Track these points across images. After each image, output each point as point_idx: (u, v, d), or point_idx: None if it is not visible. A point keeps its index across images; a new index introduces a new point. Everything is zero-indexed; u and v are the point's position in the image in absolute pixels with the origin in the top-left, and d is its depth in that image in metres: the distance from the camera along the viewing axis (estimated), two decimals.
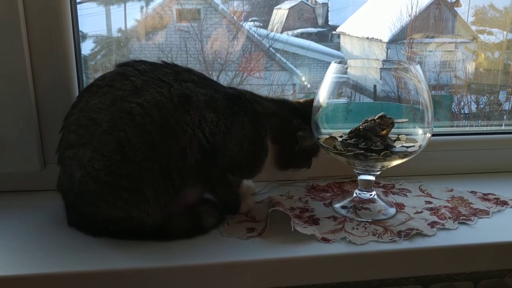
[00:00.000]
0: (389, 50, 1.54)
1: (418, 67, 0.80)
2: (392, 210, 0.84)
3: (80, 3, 0.95)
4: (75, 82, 0.90)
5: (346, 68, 0.85)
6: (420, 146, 0.81)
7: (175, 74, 0.77)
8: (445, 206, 0.86)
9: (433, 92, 1.45)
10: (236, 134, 0.79)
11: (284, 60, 1.38)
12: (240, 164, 0.81)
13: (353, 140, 0.80)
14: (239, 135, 0.79)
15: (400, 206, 0.86)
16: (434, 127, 0.81)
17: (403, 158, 0.80)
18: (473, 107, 1.50)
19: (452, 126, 1.38)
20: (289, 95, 1.54)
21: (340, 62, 0.83)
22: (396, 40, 1.51)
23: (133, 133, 0.70)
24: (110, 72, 0.77)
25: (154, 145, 0.71)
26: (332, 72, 0.82)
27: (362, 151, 0.78)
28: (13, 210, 0.85)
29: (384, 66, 0.97)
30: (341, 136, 0.83)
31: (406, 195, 0.92)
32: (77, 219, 0.77)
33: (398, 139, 0.82)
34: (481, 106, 1.50)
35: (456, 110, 1.52)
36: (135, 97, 0.72)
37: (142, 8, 1.28)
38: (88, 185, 0.70)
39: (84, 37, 1.02)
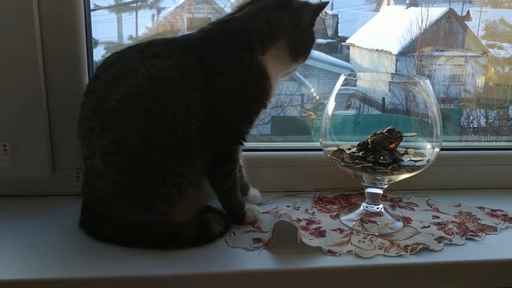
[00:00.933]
0: (398, 63, 1.54)
1: (427, 81, 0.81)
2: (399, 224, 0.83)
3: (93, 10, 0.96)
4: None
5: (356, 80, 0.85)
6: (428, 161, 0.80)
7: (138, 54, 0.74)
8: (452, 221, 0.86)
9: (442, 105, 1.44)
10: (218, 86, 0.75)
11: None
12: (248, 109, 0.78)
13: (361, 153, 0.80)
14: (222, 83, 0.75)
15: (407, 220, 0.86)
16: (443, 141, 0.81)
17: (411, 172, 0.80)
18: (482, 122, 1.50)
19: (460, 141, 1.37)
20: (297, 105, 1.54)
21: (349, 75, 0.84)
22: (406, 52, 1.52)
23: (124, 129, 0.71)
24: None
25: (146, 134, 0.72)
26: (341, 84, 0.83)
27: (370, 164, 0.78)
28: (22, 214, 0.85)
29: (393, 80, 0.98)
30: (349, 149, 0.83)
31: (413, 209, 0.91)
32: (88, 220, 0.78)
33: (406, 153, 0.82)
34: (490, 120, 1.50)
35: (465, 124, 1.51)
36: (112, 94, 0.72)
37: (153, 16, 1.29)
38: (108, 188, 0.73)
39: (96, 43, 1.03)
